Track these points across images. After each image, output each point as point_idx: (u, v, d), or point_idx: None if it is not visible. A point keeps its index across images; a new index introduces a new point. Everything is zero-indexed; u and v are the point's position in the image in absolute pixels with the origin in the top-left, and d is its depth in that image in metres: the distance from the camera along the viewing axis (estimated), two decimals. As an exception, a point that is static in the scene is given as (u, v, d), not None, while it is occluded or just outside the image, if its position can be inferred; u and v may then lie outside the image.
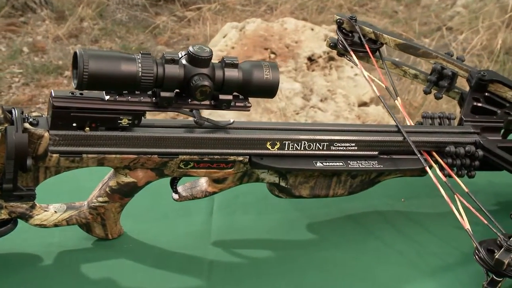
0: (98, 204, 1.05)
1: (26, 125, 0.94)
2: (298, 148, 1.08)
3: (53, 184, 1.02)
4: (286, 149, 1.07)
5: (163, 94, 0.96)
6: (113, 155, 0.99)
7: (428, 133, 1.18)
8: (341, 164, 1.11)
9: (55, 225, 1.04)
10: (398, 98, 1.23)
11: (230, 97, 1.00)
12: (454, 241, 1.16)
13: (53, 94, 0.93)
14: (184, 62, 0.96)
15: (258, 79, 0.99)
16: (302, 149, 1.08)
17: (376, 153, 1.13)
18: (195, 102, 0.98)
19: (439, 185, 1.09)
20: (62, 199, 1.07)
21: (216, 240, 1.14)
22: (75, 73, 0.91)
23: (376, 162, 1.13)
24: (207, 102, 0.99)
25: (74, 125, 0.95)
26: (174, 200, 1.12)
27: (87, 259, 1.06)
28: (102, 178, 1.05)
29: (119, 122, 0.97)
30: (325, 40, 2.78)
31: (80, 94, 0.94)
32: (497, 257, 0.99)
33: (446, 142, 1.17)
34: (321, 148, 1.09)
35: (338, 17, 1.32)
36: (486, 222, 1.06)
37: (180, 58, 0.96)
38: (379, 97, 1.22)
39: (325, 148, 1.10)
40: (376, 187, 1.18)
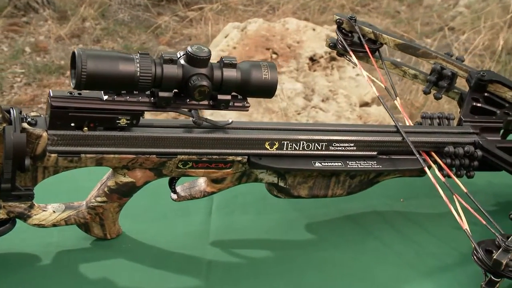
0: (96, 204, 1.05)
1: (24, 125, 0.94)
2: (297, 148, 1.08)
3: (51, 184, 1.02)
4: (284, 149, 1.07)
5: (162, 94, 0.96)
6: (111, 155, 0.99)
7: (427, 133, 1.17)
8: (339, 164, 1.11)
9: (54, 225, 1.04)
10: (398, 98, 1.23)
11: (228, 97, 1.00)
12: (452, 241, 1.16)
13: (51, 94, 0.93)
14: (182, 62, 0.96)
15: (257, 79, 0.99)
16: (301, 149, 1.08)
17: (375, 153, 1.13)
18: (194, 102, 0.98)
19: (438, 185, 1.09)
20: (60, 199, 1.07)
21: (214, 240, 1.14)
22: (74, 73, 0.92)
23: (375, 162, 1.13)
24: (206, 102, 0.99)
25: (73, 125, 0.95)
26: (173, 200, 1.12)
27: (86, 259, 1.06)
28: (101, 178, 1.06)
29: (118, 122, 0.97)
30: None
31: (78, 94, 0.94)
32: (495, 257, 0.99)
33: (445, 142, 1.17)
34: (319, 148, 1.09)
35: (337, 17, 1.32)
36: (484, 222, 1.06)
37: (178, 58, 0.96)
38: (378, 97, 1.22)
39: (323, 148, 1.09)
40: (375, 187, 1.18)
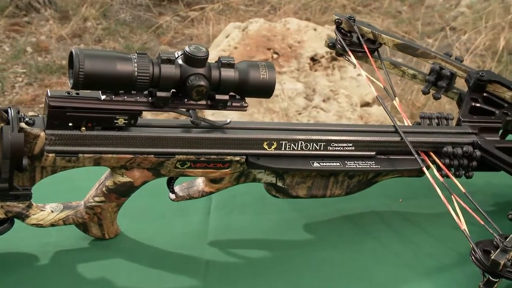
0: (94, 203, 1.05)
1: (22, 124, 0.94)
2: (295, 148, 1.08)
3: (49, 183, 1.02)
4: (283, 149, 1.07)
5: (159, 94, 0.96)
6: (109, 155, 0.99)
7: (425, 133, 1.17)
8: (338, 164, 1.10)
9: (52, 224, 1.04)
10: (396, 98, 1.23)
11: (226, 97, 0.99)
12: (451, 241, 1.15)
13: (49, 94, 0.93)
14: (180, 62, 0.96)
15: (255, 79, 0.99)
16: (299, 149, 1.08)
17: (373, 153, 1.13)
18: (192, 102, 0.98)
19: (436, 185, 1.09)
20: (58, 199, 1.07)
21: (213, 240, 1.14)
22: (71, 72, 0.92)
23: (373, 162, 1.13)
24: (204, 102, 0.99)
25: (70, 124, 0.95)
26: (171, 200, 1.12)
27: (84, 259, 1.06)
28: (99, 177, 1.06)
29: (115, 121, 0.97)
30: (327, 40, 2.77)
31: (76, 93, 0.94)
32: (493, 257, 0.99)
33: (444, 142, 1.17)
34: (318, 148, 1.09)
35: (336, 17, 1.32)
36: (482, 222, 1.06)
37: (176, 58, 0.96)
38: (377, 97, 1.22)
39: (322, 148, 1.09)
40: (373, 188, 1.18)
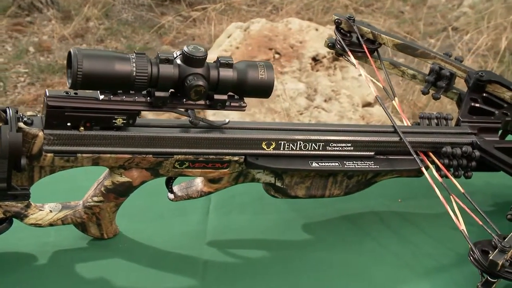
0: (93, 203, 1.05)
1: (21, 124, 0.94)
2: (294, 148, 1.08)
3: (48, 183, 1.02)
4: (281, 149, 1.07)
5: (158, 93, 0.96)
6: (107, 155, 0.99)
7: (425, 133, 1.17)
8: (337, 164, 1.10)
9: (50, 224, 1.04)
10: (396, 99, 1.23)
11: (225, 97, 0.99)
12: (449, 242, 1.15)
13: (47, 94, 0.93)
14: (178, 62, 0.96)
15: (253, 79, 0.99)
16: (298, 149, 1.08)
17: (372, 153, 1.13)
18: (190, 102, 0.98)
19: (435, 186, 1.09)
20: (57, 199, 1.07)
21: (211, 240, 1.14)
22: (70, 72, 0.91)
23: (372, 162, 1.12)
24: (202, 102, 0.99)
25: (69, 124, 0.95)
26: (170, 200, 1.12)
27: (82, 259, 1.06)
28: (97, 177, 1.06)
29: (114, 121, 0.97)
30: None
31: (74, 93, 0.94)
32: (491, 258, 0.98)
33: (443, 142, 1.16)
34: (317, 148, 1.09)
35: (336, 17, 1.32)
36: (481, 223, 1.06)
37: (174, 58, 0.96)
38: (377, 97, 1.22)
39: (321, 148, 1.09)
40: (372, 188, 1.18)
